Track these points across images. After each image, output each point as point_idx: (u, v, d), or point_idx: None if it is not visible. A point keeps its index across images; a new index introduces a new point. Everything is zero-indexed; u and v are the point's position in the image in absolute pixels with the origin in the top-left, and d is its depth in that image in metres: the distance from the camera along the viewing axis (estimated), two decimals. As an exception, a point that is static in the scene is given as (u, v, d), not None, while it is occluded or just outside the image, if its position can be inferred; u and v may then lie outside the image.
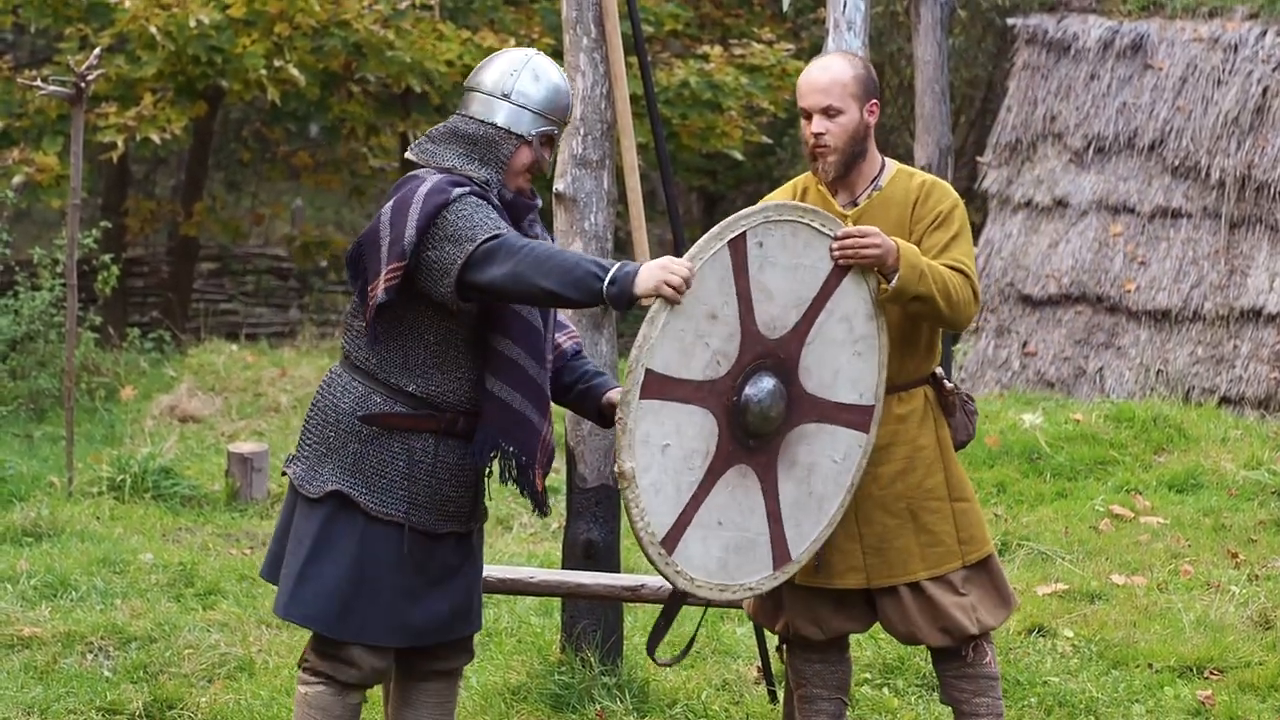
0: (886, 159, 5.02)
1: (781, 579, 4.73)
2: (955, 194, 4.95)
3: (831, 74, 4.88)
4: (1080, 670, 6.47)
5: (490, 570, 5.73)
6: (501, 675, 6.29)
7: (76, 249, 9.92)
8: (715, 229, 4.47)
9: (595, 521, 6.19)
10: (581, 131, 6.14)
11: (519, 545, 8.51)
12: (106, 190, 18.49)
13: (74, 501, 9.15)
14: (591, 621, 6.20)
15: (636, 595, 5.68)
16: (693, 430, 4.49)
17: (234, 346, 13.72)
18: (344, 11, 14.27)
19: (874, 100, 4.91)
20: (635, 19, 6.12)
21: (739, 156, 16.23)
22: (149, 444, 10.26)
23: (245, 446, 9.67)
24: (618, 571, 6.27)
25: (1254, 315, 12.84)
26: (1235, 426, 10.52)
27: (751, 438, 4.58)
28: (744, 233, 4.50)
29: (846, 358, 4.70)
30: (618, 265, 4.37)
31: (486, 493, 4.82)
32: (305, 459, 4.72)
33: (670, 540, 4.49)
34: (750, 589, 4.67)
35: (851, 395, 4.72)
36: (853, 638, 6.74)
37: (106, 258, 12.68)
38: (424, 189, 4.55)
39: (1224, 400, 12.55)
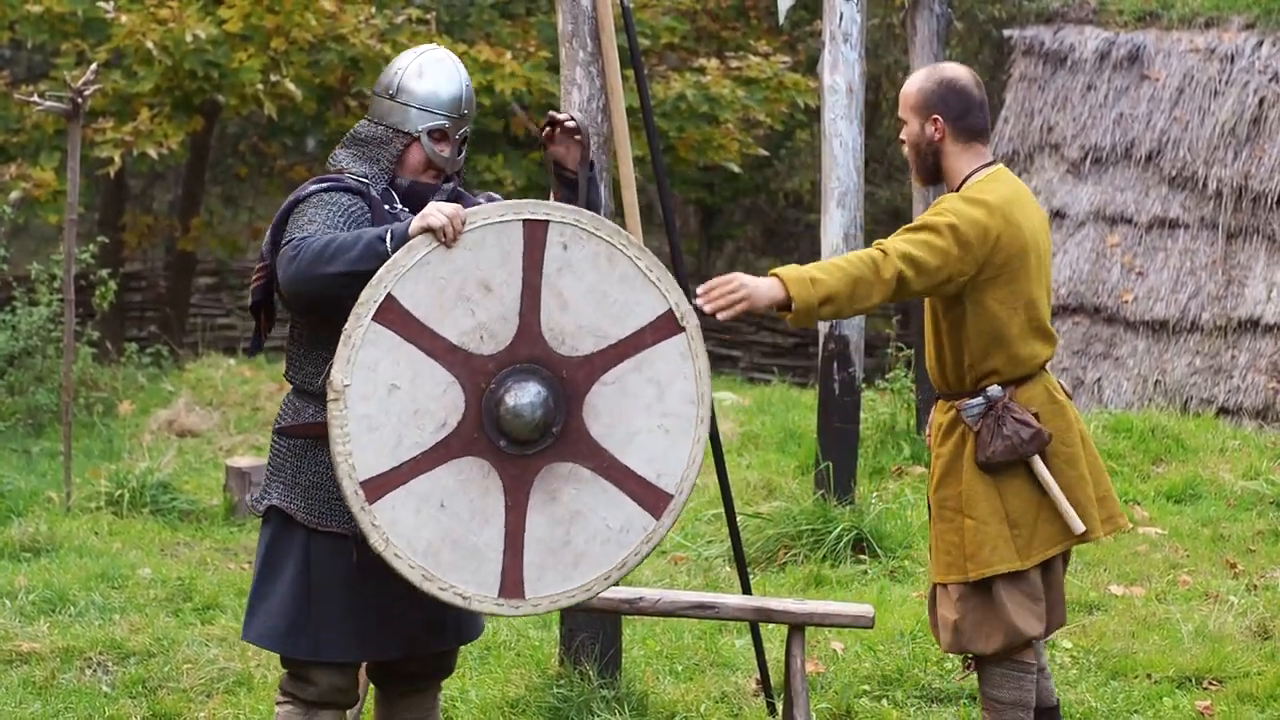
0: (981, 172, 4.91)
1: (510, 612, 4.44)
2: (959, 209, 4.78)
3: (907, 87, 4.94)
4: (1079, 681, 6.46)
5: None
6: (500, 689, 6.29)
7: (74, 264, 9.91)
8: (519, 201, 4.40)
9: (593, 534, 6.17)
10: (579, 144, 6.13)
11: (517, 558, 8.49)
12: (104, 205, 18.49)
13: (72, 516, 9.14)
14: (590, 634, 6.20)
15: (635, 608, 5.66)
16: (433, 390, 4.36)
17: (231, 361, 13.71)
18: (340, 26, 14.27)
19: (935, 114, 4.86)
20: (631, 32, 6.12)
21: (736, 169, 16.23)
22: (147, 459, 10.25)
23: (243, 461, 9.66)
24: (615, 585, 6.26)
25: (1251, 325, 12.85)
26: (1233, 437, 10.52)
27: (504, 438, 4.40)
28: (547, 222, 4.39)
29: (649, 426, 4.46)
30: (401, 224, 4.38)
31: None
32: (266, 482, 4.73)
33: (374, 488, 4.33)
34: (461, 596, 4.39)
35: (647, 469, 4.46)
36: (853, 648, 6.74)
37: (104, 273, 12.66)
38: (295, 192, 4.62)
39: (1222, 410, 12.55)
